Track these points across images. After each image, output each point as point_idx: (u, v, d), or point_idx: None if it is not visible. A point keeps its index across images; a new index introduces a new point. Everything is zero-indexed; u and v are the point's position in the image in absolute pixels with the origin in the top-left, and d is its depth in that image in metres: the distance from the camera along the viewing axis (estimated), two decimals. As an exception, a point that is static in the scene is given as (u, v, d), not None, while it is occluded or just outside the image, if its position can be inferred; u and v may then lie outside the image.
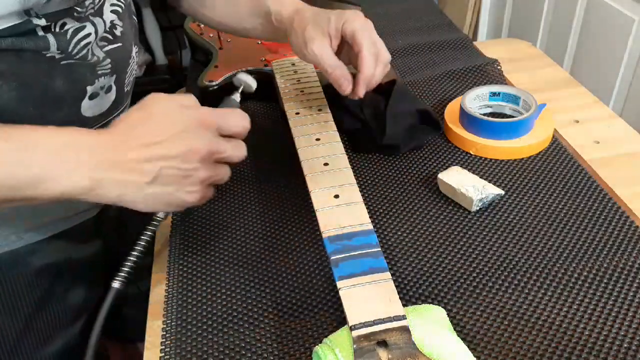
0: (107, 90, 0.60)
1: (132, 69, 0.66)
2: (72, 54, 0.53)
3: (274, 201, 0.65)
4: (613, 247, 0.56)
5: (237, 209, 0.64)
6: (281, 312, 0.52)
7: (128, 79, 0.65)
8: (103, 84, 0.59)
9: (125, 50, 0.61)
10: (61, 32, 0.52)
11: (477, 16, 1.82)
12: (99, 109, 0.60)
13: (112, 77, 0.60)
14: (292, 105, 0.67)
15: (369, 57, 0.59)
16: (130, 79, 0.66)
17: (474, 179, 0.62)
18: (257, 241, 0.60)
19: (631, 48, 1.18)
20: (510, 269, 0.54)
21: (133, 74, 0.67)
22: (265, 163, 0.71)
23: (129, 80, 0.66)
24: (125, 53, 0.61)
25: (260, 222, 0.62)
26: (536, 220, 0.59)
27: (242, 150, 0.51)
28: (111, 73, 0.59)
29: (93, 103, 0.59)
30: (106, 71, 0.58)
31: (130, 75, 0.65)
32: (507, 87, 0.75)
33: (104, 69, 0.58)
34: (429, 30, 1.02)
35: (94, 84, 0.57)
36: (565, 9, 1.40)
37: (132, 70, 0.65)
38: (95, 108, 0.59)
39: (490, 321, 0.50)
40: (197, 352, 0.50)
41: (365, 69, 0.59)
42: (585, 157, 0.69)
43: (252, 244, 0.60)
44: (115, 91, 0.61)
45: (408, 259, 0.56)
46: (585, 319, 0.49)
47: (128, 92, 0.66)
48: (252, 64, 0.82)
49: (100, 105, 0.60)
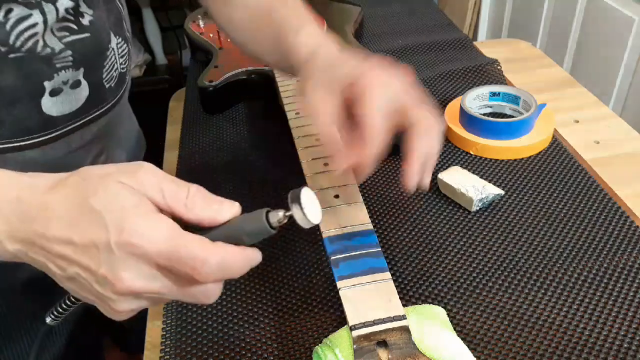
0: (74, 86, 0.55)
1: (114, 62, 0.60)
2: (16, 47, 0.49)
3: (274, 201, 0.65)
4: (613, 247, 0.56)
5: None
6: (281, 312, 0.52)
7: (108, 74, 0.59)
8: (65, 78, 0.53)
9: (97, 42, 0.56)
10: (0, 23, 0.47)
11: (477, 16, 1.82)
12: (68, 106, 0.55)
13: (78, 71, 0.54)
14: (292, 106, 0.67)
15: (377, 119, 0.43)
16: (114, 74, 0.60)
17: (474, 179, 0.62)
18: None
19: (631, 48, 1.18)
20: (510, 269, 0.54)
21: (117, 69, 0.61)
22: (265, 163, 0.71)
23: (111, 75, 0.60)
24: (97, 45, 0.56)
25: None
26: (536, 220, 0.59)
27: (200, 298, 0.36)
28: (75, 66, 0.54)
29: (57, 100, 0.54)
30: (67, 64, 0.53)
31: (111, 70, 0.59)
32: (507, 87, 0.75)
33: (64, 61, 0.53)
34: (429, 30, 1.02)
35: (53, 78, 0.52)
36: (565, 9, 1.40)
37: (113, 65, 0.59)
38: (62, 106, 0.54)
39: (490, 321, 0.50)
40: (197, 352, 0.50)
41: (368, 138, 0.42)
42: (585, 157, 0.69)
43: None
44: (88, 87, 0.56)
45: (408, 259, 0.56)
46: (585, 319, 0.49)
47: (111, 89, 0.61)
48: (252, 64, 0.82)
49: (68, 103, 0.55)
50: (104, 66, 0.58)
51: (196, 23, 0.95)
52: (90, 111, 0.58)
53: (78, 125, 0.57)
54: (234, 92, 0.82)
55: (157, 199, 0.34)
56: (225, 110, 0.83)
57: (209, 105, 0.83)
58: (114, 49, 0.59)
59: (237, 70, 0.81)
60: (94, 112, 0.58)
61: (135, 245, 0.32)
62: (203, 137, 0.78)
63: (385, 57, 0.48)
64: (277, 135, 0.74)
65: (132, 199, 0.33)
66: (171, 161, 0.76)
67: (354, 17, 0.98)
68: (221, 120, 0.81)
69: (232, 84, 0.81)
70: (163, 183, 0.35)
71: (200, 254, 0.33)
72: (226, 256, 0.34)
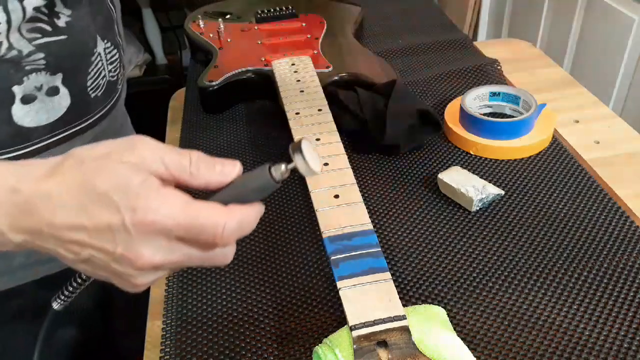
0: (51, 93, 0.50)
1: (101, 69, 0.55)
2: None
3: (274, 201, 0.65)
4: (613, 247, 0.56)
5: (237, 209, 0.64)
6: (281, 312, 0.52)
7: (94, 81, 0.54)
8: (38, 82, 0.49)
9: (77, 45, 0.51)
10: None
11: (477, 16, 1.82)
12: (44, 117, 0.50)
13: (54, 76, 0.50)
14: (292, 105, 0.67)
15: None
16: (100, 82, 0.56)
17: (474, 179, 0.62)
18: (257, 241, 0.60)
19: (631, 48, 1.18)
20: (510, 269, 0.54)
21: (105, 76, 0.57)
22: (265, 163, 0.71)
23: (98, 83, 0.55)
24: (77, 48, 0.52)
25: (260, 222, 0.62)
26: (536, 220, 0.59)
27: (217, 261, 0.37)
28: (51, 71, 0.50)
29: (31, 108, 0.49)
30: (39, 67, 0.49)
31: (97, 77, 0.55)
32: (507, 87, 0.75)
33: (34, 64, 0.48)
34: (429, 30, 1.02)
35: (22, 82, 0.48)
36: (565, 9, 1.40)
37: (99, 71, 0.55)
38: (36, 115, 0.50)
39: (490, 321, 0.50)
40: (197, 352, 0.49)
41: None
42: (585, 157, 0.69)
43: (252, 244, 0.60)
44: (70, 95, 0.52)
45: (408, 259, 0.56)
46: (585, 319, 0.49)
47: (98, 99, 0.56)
48: (252, 64, 0.82)
49: (45, 112, 0.50)
50: (88, 72, 0.53)
51: (196, 23, 0.95)
52: (73, 123, 0.53)
53: (58, 140, 0.52)
54: (233, 92, 0.82)
55: (160, 171, 0.34)
56: (225, 110, 0.83)
57: (209, 105, 0.83)
58: (101, 54, 0.55)
59: (237, 70, 0.81)
60: (78, 124, 0.54)
61: (152, 222, 0.32)
62: (203, 137, 0.78)
63: None
64: (277, 135, 0.74)
65: (138, 177, 0.33)
66: (171, 161, 0.76)
67: (354, 17, 0.98)
68: (221, 120, 0.81)
69: (232, 84, 0.81)
70: (164, 154, 0.35)
71: (220, 220, 0.34)
72: (242, 217, 0.35)
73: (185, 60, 2.04)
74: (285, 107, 0.68)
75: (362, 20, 1.01)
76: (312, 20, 0.95)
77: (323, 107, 0.66)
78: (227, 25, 0.93)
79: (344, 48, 0.87)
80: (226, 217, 0.34)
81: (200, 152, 0.36)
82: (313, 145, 0.37)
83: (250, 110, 0.83)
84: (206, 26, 0.94)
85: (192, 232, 0.34)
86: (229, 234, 0.34)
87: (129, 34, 1.91)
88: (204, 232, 0.34)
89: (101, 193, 0.33)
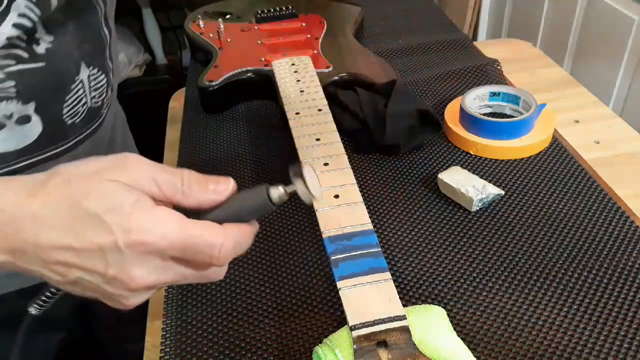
0: (22, 121, 0.47)
1: (81, 96, 0.52)
2: None
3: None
4: (613, 247, 0.56)
5: (237, 209, 0.64)
6: (281, 312, 0.52)
7: (71, 109, 0.51)
8: (8, 111, 0.46)
9: (55, 73, 0.49)
10: None
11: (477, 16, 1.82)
12: (13, 144, 0.48)
13: (26, 105, 0.47)
14: (292, 105, 0.67)
15: None
16: (80, 109, 0.53)
17: (474, 179, 0.62)
18: (257, 241, 0.60)
19: (631, 48, 1.18)
20: (510, 269, 0.54)
21: (87, 103, 0.53)
22: (265, 163, 0.71)
23: (76, 111, 0.52)
24: (55, 76, 0.49)
25: (260, 222, 0.62)
26: (536, 220, 0.59)
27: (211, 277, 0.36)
28: (22, 99, 0.47)
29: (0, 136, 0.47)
30: (10, 95, 0.46)
31: (76, 104, 0.52)
32: (507, 87, 0.75)
33: (3, 92, 0.45)
34: (429, 30, 1.02)
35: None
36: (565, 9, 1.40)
37: (79, 99, 0.52)
38: (4, 143, 0.47)
39: (490, 321, 0.50)
40: (197, 352, 0.49)
41: None
42: (585, 157, 0.69)
43: (252, 244, 0.59)
44: (42, 123, 0.49)
45: (408, 259, 0.56)
46: (585, 319, 0.49)
47: (76, 125, 0.53)
48: (252, 64, 0.82)
49: (13, 140, 0.48)
50: (65, 100, 0.50)
51: (196, 23, 0.95)
52: (45, 149, 0.51)
53: (29, 164, 0.50)
54: (233, 92, 0.82)
55: (153, 191, 0.33)
56: (225, 110, 0.83)
57: (209, 105, 0.83)
58: (84, 81, 0.52)
59: (237, 70, 0.81)
60: (51, 149, 0.51)
61: (147, 243, 0.32)
62: (203, 137, 0.78)
63: None
64: (277, 135, 0.74)
65: (131, 197, 0.32)
66: (171, 161, 0.76)
67: (354, 17, 0.98)
68: (221, 120, 0.81)
69: (232, 84, 0.81)
70: (155, 174, 0.34)
71: (216, 241, 0.33)
72: (238, 237, 0.34)
73: (185, 60, 2.04)
74: (285, 107, 0.68)
75: (362, 20, 1.01)
76: (312, 20, 0.95)
77: (323, 107, 0.66)
78: (227, 25, 0.93)
79: (344, 48, 0.87)
80: (222, 238, 0.33)
81: (192, 170, 0.35)
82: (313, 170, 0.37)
83: (250, 110, 0.83)
84: (206, 26, 0.94)
85: (187, 253, 0.33)
86: (225, 255, 0.34)
87: (129, 34, 1.91)
88: (200, 253, 0.33)
89: (91, 214, 0.32)
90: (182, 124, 0.82)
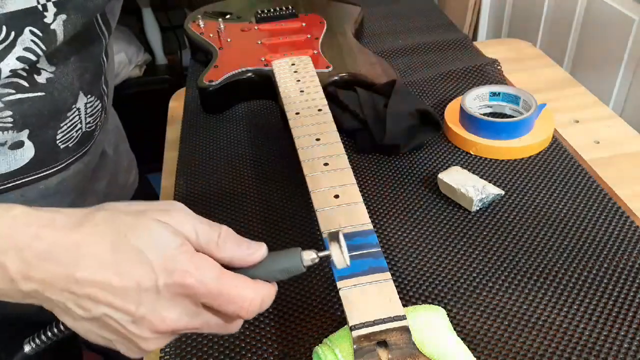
0: (15, 147, 0.48)
1: (76, 122, 0.52)
2: None
3: (274, 201, 0.65)
4: (613, 247, 0.56)
5: (237, 209, 0.64)
6: (281, 313, 0.52)
7: (65, 134, 0.51)
8: (4, 139, 0.46)
9: (53, 102, 0.48)
10: None
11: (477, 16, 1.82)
12: (5, 167, 0.48)
13: (21, 133, 0.47)
14: (292, 106, 0.67)
15: None
16: (74, 134, 0.52)
17: (474, 179, 0.62)
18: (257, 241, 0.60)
19: (631, 48, 1.18)
20: (510, 269, 0.54)
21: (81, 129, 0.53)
22: (265, 163, 0.71)
23: (70, 136, 0.52)
24: (52, 105, 0.48)
25: (260, 222, 0.62)
26: (536, 221, 0.59)
27: (232, 328, 0.37)
28: (17, 128, 0.47)
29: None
30: (7, 125, 0.46)
31: (70, 130, 0.52)
32: (507, 87, 0.75)
33: (1, 122, 0.45)
34: (429, 30, 1.02)
35: None
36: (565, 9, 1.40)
37: (74, 125, 0.52)
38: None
39: (490, 321, 0.50)
40: (197, 352, 0.49)
41: None
42: (585, 157, 0.69)
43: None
44: (34, 148, 0.49)
45: (408, 259, 0.56)
46: (585, 319, 0.49)
47: (68, 149, 0.53)
48: (252, 64, 0.82)
49: (5, 164, 0.48)
50: (60, 127, 0.50)
51: (196, 23, 0.95)
52: (35, 171, 0.51)
53: (18, 184, 0.50)
54: (233, 92, 0.82)
55: (192, 238, 0.34)
56: (225, 110, 0.83)
57: (209, 105, 0.83)
58: (80, 109, 0.52)
59: (237, 70, 0.81)
60: (42, 171, 0.51)
61: (186, 285, 0.32)
62: (203, 137, 0.78)
63: None
64: (277, 135, 0.74)
65: (176, 239, 0.33)
66: (171, 161, 0.76)
67: (354, 17, 0.98)
68: (221, 120, 0.81)
69: (232, 84, 0.81)
70: (196, 223, 0.35)
71: (249, 295, 0.34)
72: (265, 294, 0.36)
73: (185, 60, 2.03)
74: (285, 107, 0.68)
75: (362, 20, 1.01)
76: (312, 20, 0.95)
77: (323, 107, 0.66)
78: (227, 25, 0.93)
79: (344, 48, 0.87)
80: (254, 293, 0.35)
81: (229, 228, 0.37)
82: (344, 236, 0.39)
83: (250, 110, 0.83)
84: (206, 26, 0.94)
85: (220, 301, 0.34)
86: (253, 310, 0.35)
87: (129, 34, 1.91)
88: (231, 304, 0.34)
89: (135, 249, 0.32)
90: (182, 124, 0.82)
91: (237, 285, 0.34)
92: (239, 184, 0.68)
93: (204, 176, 0.70)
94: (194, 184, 0.69)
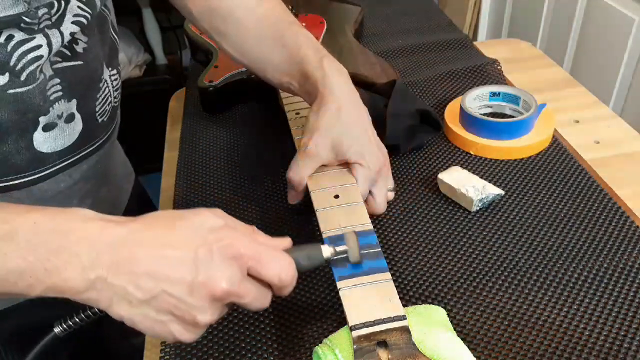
0: (69, 120, 0.51)
1: (107, 95, 0.56)
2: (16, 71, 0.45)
3: (274, 201, 0.65)
4: (613, 247, 0.56)
5: (237, 209, 0.64)
6: (281, 312, 0.52)
7: (101, 107, 0.55)
8: (60, 111, 0.50)
9: (89, 71, 0.53)
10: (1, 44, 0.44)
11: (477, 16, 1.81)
12: (61, 142, 0.51)
13: (70, 103, 0.51)
14: (292, 106, 0.67)
15: None
16: (107, 108, 0.56)
17: (474, 179, 0.62)
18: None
19: (631, 48, 1.18)
20: (510, 269, 0.54)
21: (111, 102, 0.57)
22: (265, 163, 0.71)
23: (105, 109, 0.56)
24: (89, 73, 0.53)
25: (260, 222, 0.62)
26: (536, 220, 0.59)
27: (265, 301, 0.41)
28: (67, 97, 0.50)
29: (50, 136, 0.50)
30: (58, 95, 0.49)
31: (104, 103, 0.56)
32: (507, 87, 0.75)
33: (54, 90, 0.49)
34: (429, 30, 1.02)
35: (48, 112, 0.49)
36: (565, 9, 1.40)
37: (107, 97, 0.56)
38: (54, 142, 0.51)
39: (490, 321, 0.50)
40: (197, 352, 0.49)
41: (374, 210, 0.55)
42: (585, 157, 0.69)
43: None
44: (82, 121, 0.53)
45: (408, 259, 0.56)
46: (585, 319, 0.49)
47: (104, 124, 0.57)
48: (252, 64, 0.82)
49: (62, 139, 0.51)
50: (97, 98, 0.54)
51: (196, 23, 0.94)
52: (82, 148, 0.54)
53: (68, 164, 0.54)
54: (233, 92, 0.82)
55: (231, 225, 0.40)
56: (225, 110, 0.83)
57: (209, 105, 0.83)
58: (107, 81, 0.56)
59: (237, 71, 0.81)
60: (87, 148, 0.55)
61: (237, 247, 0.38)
62: (203, 137, 0.78)
63: None
64: (277, 136, 0.74)
65: (219, 221, 0.39)
66: (171, 161, 0.76)
67: (354, 17, 0.98)
68: (221, 120, 0.81)
69: (232, 84, 0.81)
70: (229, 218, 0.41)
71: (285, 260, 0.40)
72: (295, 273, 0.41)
73: (185, 60, 2.03)
74: (285, 107, 0.68)
75: (362, 20, 1.01)
76: (312, 20, 0.95)
77: (323, 107, 0.66)
78: (227, 25, 0.93)
79: (344, 48, 0.87)
80: (288, 261, 0.40)
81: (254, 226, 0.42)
82: None
83: (250, 111, 0.83)
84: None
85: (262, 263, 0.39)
86: (289, 278, 0.40)
87: (129, 34, 1.91)
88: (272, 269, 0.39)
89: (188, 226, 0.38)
90: (182, 124, 0.82)
91: (276, 255, 0.40)
92: (239, 184, 0.68)
93: (204, 176, 0.70)
94: (193, 184, 0.69)
